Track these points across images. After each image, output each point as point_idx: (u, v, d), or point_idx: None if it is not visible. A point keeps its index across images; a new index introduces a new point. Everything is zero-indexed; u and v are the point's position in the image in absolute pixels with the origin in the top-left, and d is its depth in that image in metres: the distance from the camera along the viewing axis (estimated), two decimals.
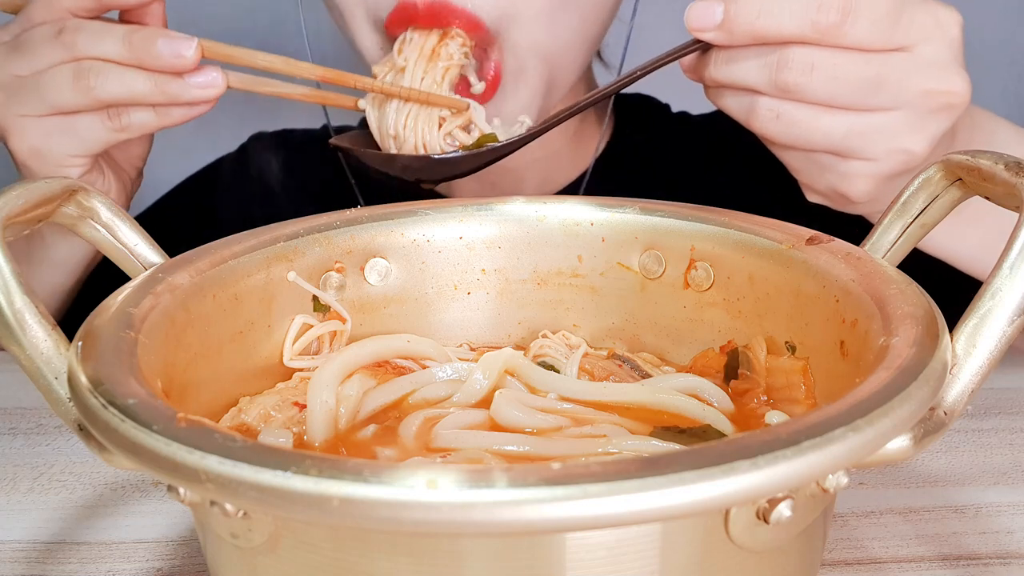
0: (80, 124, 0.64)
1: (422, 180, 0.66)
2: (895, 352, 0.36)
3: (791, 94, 0.54)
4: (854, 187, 0.57)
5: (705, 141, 0.91)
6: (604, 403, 0.46)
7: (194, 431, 0.31)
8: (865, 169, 0.56)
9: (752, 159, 0.88)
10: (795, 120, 0.55)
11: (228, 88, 0.64)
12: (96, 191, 0.46)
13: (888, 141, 0.55)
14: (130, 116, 0.64)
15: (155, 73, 0.62)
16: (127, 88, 0.62)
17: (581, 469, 0.28)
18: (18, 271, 0.38)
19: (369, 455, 0.44)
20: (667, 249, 0.52)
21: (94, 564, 0.50)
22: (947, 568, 0.48)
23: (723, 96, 0.58)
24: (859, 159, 0.55)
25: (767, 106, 0.55)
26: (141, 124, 0.64)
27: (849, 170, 0.56)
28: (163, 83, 0.62)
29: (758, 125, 0.56)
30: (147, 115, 0.64)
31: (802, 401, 0.45)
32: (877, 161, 0.55)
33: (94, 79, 0.61)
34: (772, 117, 0.55)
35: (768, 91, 0.54)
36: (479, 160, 0.64)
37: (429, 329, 0.54)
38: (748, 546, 0.33)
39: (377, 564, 0.32)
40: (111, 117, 0.63)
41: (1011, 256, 0.37)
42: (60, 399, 0.38)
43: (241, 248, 0.48)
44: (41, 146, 0.65)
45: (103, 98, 0.62)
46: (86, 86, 0.61)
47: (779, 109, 0.55)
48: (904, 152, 0.55)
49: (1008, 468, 0.57)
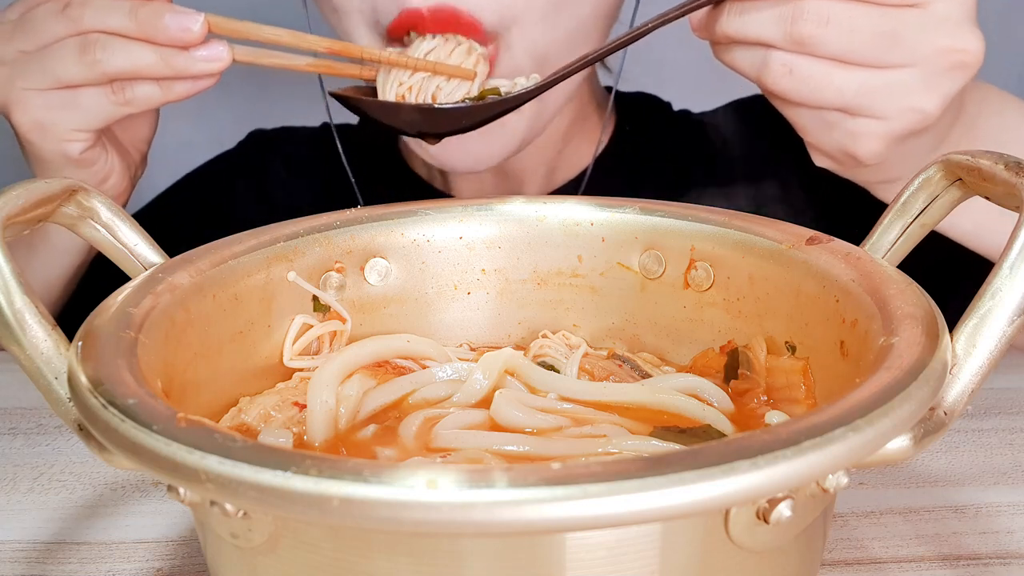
0: (84, 97, 0.64)
1: (425, 133, 0.65)
2: (895, 352, 0.36)
3: (805, 48, 0.53)
4: (864, 147, 0.56)
5: (706, 139, 0.91)
6: (604, 403, 0.46)
7: (194, 431, 0.31)
8: (876, 128, 0.55)
9: (753, 157, 0.89)
10: (808, 75, 0.54)
11: (233, 62, 0.63)
12: (96, 191, 0.46)
13: (901, 99, 0.54)
14: (134, 90, 0.63)
15: (161, 47, 0.61)
16: (133, 61, 0.61)
17: (581, 469, 0.28)
18: (18, 271, 0.38)
19: (369, 455, 0.44)
20: (667, 249, 0.52)
21: (94, 564, 0.50)
22: (947, 568, 0.48)
23: (734, 52, 0.57)
24: (870, 117, 0.55)
25: (780, 60, 0.54)
26: (145, 98, 0.63)
27: (860, 129, 0.55)
28: (169, 56, 0.61)
29: (770, 80, 0.55)
30: (151, 89, 0.63)
31: (802, 401, 0.45)
32: (889, 120, 0.54)
33: (100, 52, 0.61)
34: (785, 72, 0.54)
35: (782, 44, 0.54)
36: (483, 113, 0.63)
37: (429, 329, 0.54)
38: (748, 546, 0.33)
39: (377, 564, 0.32)
40: (115, 91, 0.63)
41: (1011, 256, 0.37)
42: (60, 399, 0.38)
43: (241, 248, 0.48)
44: (44, 119, 0.64)
45: (108, 71, 0.62)
46: (92, 59, 0.61)
47: (792, 63, 0.54)
48: (916, 111, 0.54)
49: (1008, 468, 0.57)
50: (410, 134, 0.66)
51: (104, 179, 0.69)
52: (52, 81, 0.63)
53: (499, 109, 0.63)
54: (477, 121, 0.63)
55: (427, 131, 0.65)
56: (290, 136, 1.00)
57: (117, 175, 0.71)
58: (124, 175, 0.72)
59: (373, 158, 0.93)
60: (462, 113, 0.63)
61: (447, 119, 0.63)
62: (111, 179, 0.70)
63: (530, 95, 0.63)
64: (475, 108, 0.63)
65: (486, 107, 0.63)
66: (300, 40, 0.64)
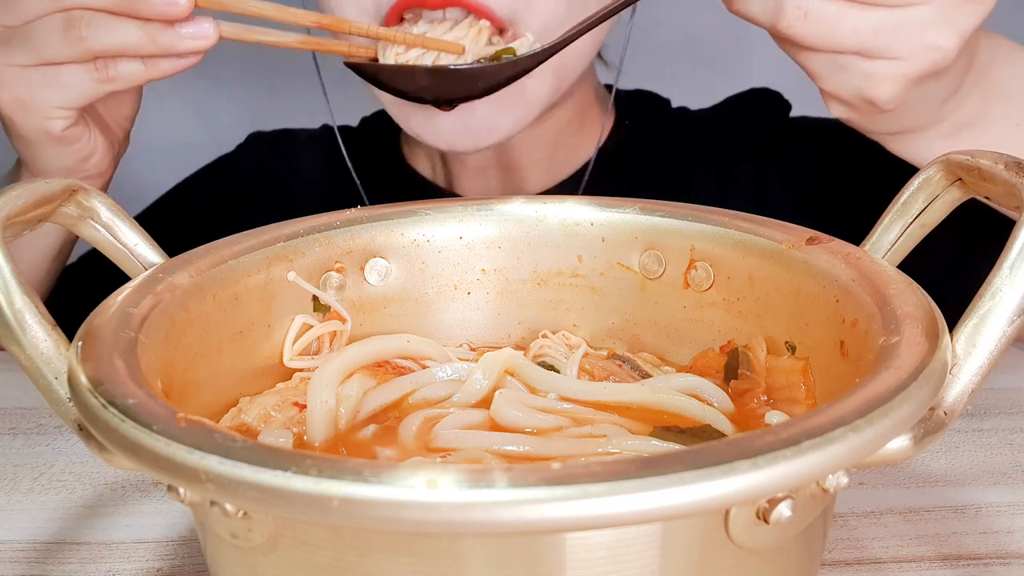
0: (66, 75, 0.62)
1: (439, 99, 0.63)
2: (895, 352, 0.36)
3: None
4: (882, 90, 0.55)
5: (705, 135, 0.91)
6: (604, 403, 0.46)
7: (194, 431, 0.31)
8: (893, 69, 0.54)
9: (752, 153, 0.89)
10: (823, 17, 0.53)
11: (220, 38, 0.62)
12: (96, 191, 0.46)
13: (918, 37, 0.53)
14: (118, 67, 0.62)
15: (146, 23, 0.60)
16: (118, 38, 0.60)
17: (581, 469, 0.28)
18: (18, 271, 0.38)
19: (369, 455, 0.44)
20: (667, 249, 0.52)
21: (94, 564, 0.50)
22: (947, 568, 0.48)
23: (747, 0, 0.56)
24: (887, 59, 0.54)
25: (795, 3, 0.53)
26: (129, 75, 0.62)
27: (877, 71, 0.54)
28: (155, 33, 0.60)
29: (785, 24, 0.54)
30: (135, 66, 0.62)
31: (802, 401, 0.45)
32: (906, 60, 0.54)
33: (85, 29, 0.60)
34: (800, 16, 0.53)
35: None
36: (498, 74, 0.62)
37: (429, 329, 0.54)
38: (748, 546, 0.33)
39: (377, 564, 0.32)
40: (98, 68, 0.62)
41: (1011, 256, 0.37)
42: (60, 399, 0.38)
43: (241, 248, 0.48)
44: (26, 97, 0.63)
45: (94, 48, 0.61)
46: (77, 36, 0.60)
47: (807, 6, 0.53)
48: (934, 48, 0.53)
49: (1008, 468, 0.57)
50: (426, 100, 0.64)
51: (87, 157, 0.69)
52: (35, 58, 0.62)
53: (515, 70, 0.62)
54: (493, 84, 0.62)
55: (442, 96, 0.63)
56: (290, 138, 0.99)
57: (100, 153, 0.70)
58: (107, 153, 0.71)
59: (375, 158, 0.93)
60: (478, 74, 0.62)
61: (463, 81, 0.62)
62: (94, 157, 0.69)
63: (547, 54, 0.61)
64: (490, 69, 0.62)
65: (502, 67, 0.62)
66: (286, 14, 0.63)
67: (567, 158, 0.88)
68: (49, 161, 0.68)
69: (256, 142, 0.99)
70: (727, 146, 0.90)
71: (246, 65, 1.34)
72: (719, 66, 1.11)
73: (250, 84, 1.35)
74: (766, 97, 0.91)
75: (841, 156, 0.82)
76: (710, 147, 0.90)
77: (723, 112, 0.93)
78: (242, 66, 1.36)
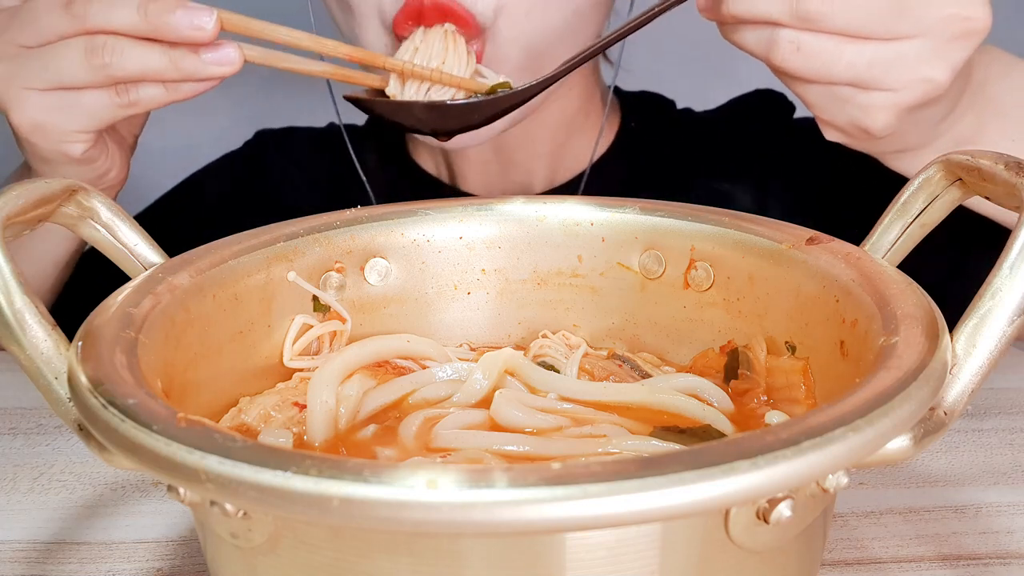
0: (86, 99, 0.61)
1: (437, 131, 0.64)
2: (895, 352, 0.36)
3: (812, 24, 0.53)
4: (876, 120, 0.56)
5: (709, 137, 0.91)
6: (604, 403, 0.46)
7: (194, 431, 0.31)
8: (887, 100, 0.55)
9: (756, 154, 0.89)
10: (817, 51, 0.53)
11: (245, 62, 0.61)
12: (96, 191, 0.46)
13: (911, 70, 0.54)
14: (139, 92, 0.61)
15: (170, 48, 0.59)
16: (141, 65, 0.59)
17: (581, 469, 0.28)
18: (18, 271, 0.38)
19: (369, 455, 0.44)
20: (667, 249, 0.52)
21: (94, 564, 0.50)
22: (947, 568, 0.48)
23: (741, 32, 0.56)
24: (881, 90, 0.54)
25: (788, 38, 0.54)
26: (150, 99, 0.62)
27: (871, 102, 0.55)
28: (178, 59, 0.59)
29: (779, 58, 0.54)
30: (157, 91, 0.61)
31: (802, 401, 0.45)
32: (899, 91, 0.54)
33: (108, 56, 0.59)
34: (793, 50, 0.54)
35: (789, 22, 0.53)
36: (494, 107, 0.63)
37: (429, 329, 0.54)
38: (748, 546, 0.33)
39: (377, 564, 0.32)
40: (119, 93, 0.61)
41: (1011, 256, 0.37)
42: (60, 399, 0.38)
43: (241, 248, 0.48)
44: (45, 121, 0.62)
45: (117, 76, 0.60)
46: (100, 64, 0.59)
47: (800, 40, 0.53)
48: (927, 81, 0.54)
49: (1008, 468, 0.57)
50: (424, 132, 0.65)
51: (105, 174, 0.68)
52: (54, 82, 0.61)
53: (509, 103, 0.63)
54: (487, 117, 0.63)
55: (439, 128, 0.64)
56: (296, 136, 0.99)
57: (118, 168, 0.69)
58: (123, 167, 0.70)
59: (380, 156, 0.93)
60: (473, 109, 0.63)
61: (458, 115, 0.63)
62: (112, 172, 0.69)
63: (541, 87, 0.62)
64: (486, 103, 0.63)
65: (497, 101, 0.63)
66: (319, 45, 0.62)
67: (572, 156, 0.89)
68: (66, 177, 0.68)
69: (263, 139, 0.99)
70: (731, 147, 0.90)
71: (247, 66, 1.34)
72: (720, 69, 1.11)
73: (251, 85, 1.35)
74: (770, 99, 0.91)
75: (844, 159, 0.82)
76: (714, 148, 0.90)
77: (727, 113, 0.93)
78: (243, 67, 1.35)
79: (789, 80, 0.57)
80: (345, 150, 0.86)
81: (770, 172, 0.88)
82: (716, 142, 0.91)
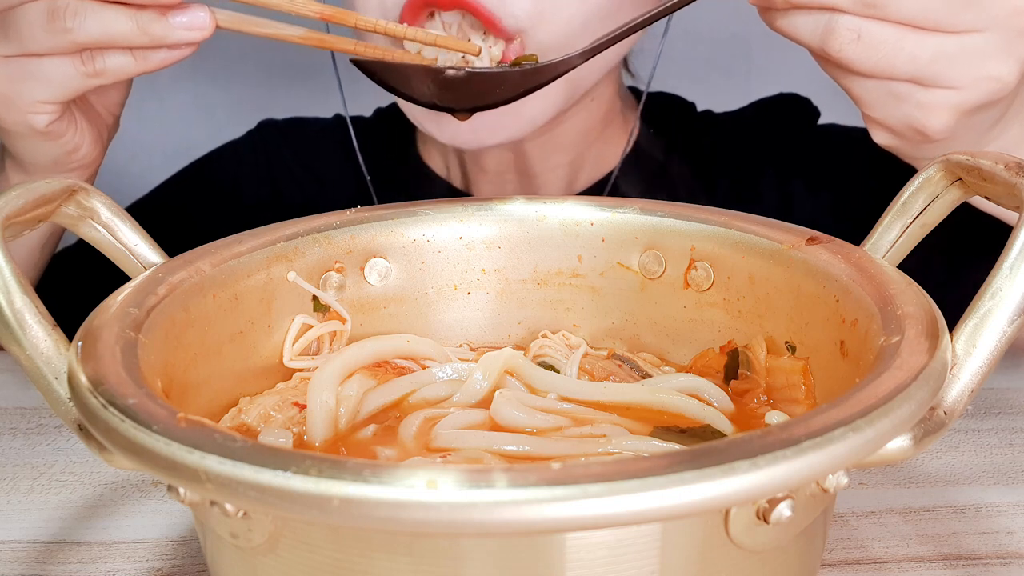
0: (50, 68, 0.58)
1: (454, 108, 0.59)
2: (895, 352, 0.36)
3: (876, 10, 0.50)
4: (935, 120, 0.52)
5: (730, 140, 0.89)
6: (604, 403, 0.46)
7: (194, 431, 0.31)
8: (948, 99, 0.51)
9: (777, 158, 0.87)
10: (879, 41, 0.50)
11: (217, 28, 0.58)
12: (96, 191, 0.46)
13: (976, 67, 0.51)
14: (105, 60, 0.58)
15: (136, 11, 0.56)
16: (106, 29, 0.56)
17: (581, 469, 0.28)
18: (18, 271, 0.38)
19: (369, 455, 0.44)
20: (667, 249, 0.52)
21: (94, 564, 0.50)
22: (947, 568, 0.48)
23: (792, 18, 0.53)
24: (943, 88, 0.51)
25: (848, 25, 0.50)
26: (118, 69, 0.59)
27: (931, 100, 0.52)
28: (146, 24, 0.56)
29: (836, 47, 0.51)
30: (124, 59, 0.58)
31: (802, 401, 0.45)
32: (962, 90, 0.51)
33: (70, 19, 0.56)
34: (853, 38, 0.50)
35: (850, 8, 0.50)
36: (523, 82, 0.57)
37: (429, 329, 0.54)
38: (748, 546, 0.33)
39: (377, 564, 0.32)
40: (84, 61, 0.58)
41: (1011, 256, 0.37)
42: (60, 399, 0.38)
43: (241, 248, 0.48)
44: (8, 91, 0.60)
45: (80, 40, 0.57)
46: (61, 27, 0.56)
47: (861, 28, 0.50)
48: (993, 79, 0.51)
49: (1008, 468, 0.57)
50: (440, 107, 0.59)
51: (74, 151, 0.65)
52: (15, 48, 0.58)
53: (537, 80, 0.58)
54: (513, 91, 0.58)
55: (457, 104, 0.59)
56: (302, 127, 0.96)
57: (88, 145, 0.66)
58: (95, 144, 0.67)
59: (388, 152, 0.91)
60: (498, 79, 0.58)
61: (482, 85, 0.58)
62: (82, 150, 0.66)
63: (574, 62, 0.58)
64: (512, 75, 0.58)
65: (527, 74, 0.58)
66: (288, 4, 0.58)
67: (590, 166, 0.86)
68: (34, 154, 0.65)
69: (266, 129, 0.96)
70: (752, 151, 0.87)
71: (247, 62, 1.34)
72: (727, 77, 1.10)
73: (251, 82, 1.35)
74: (794, 102, 0.89)
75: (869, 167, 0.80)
76: (735, 152, 0.88)
77: (749, 116, 0.90)
78: (243, 63, 1.36)
79: (841, 74, 0.54)
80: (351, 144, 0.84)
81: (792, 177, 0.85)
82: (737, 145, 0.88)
